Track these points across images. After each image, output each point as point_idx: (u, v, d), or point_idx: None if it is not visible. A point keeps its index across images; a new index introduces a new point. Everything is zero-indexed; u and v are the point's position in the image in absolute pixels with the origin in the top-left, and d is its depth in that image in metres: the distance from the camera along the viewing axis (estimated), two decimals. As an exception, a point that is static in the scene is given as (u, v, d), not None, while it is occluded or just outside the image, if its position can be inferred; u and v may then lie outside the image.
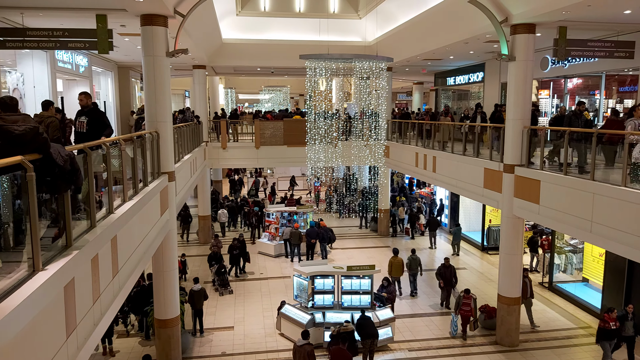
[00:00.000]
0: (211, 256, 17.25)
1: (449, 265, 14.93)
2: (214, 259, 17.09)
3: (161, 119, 11.02)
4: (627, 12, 10.93)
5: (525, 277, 13.55)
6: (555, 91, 18.42)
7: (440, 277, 14.91)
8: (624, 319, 11.42)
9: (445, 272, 14.85)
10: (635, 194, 8.35)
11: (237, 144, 22.64)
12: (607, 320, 11.22)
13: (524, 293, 13.46)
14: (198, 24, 14.88)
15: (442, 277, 14.86)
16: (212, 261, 17.11)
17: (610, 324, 11.16)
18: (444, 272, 14.87)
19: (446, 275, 14.79)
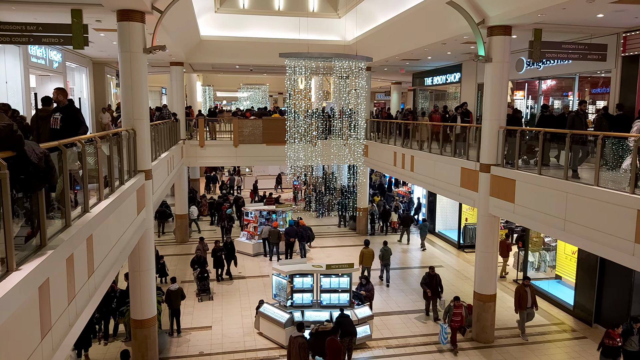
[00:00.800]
0: (194, 260, 16.47)
1: (434, 274, 14.28)
2: (197, 263, 16.32)
3: (138, 117, 10.86)
4: (600, 16, 11.21)
5: (527, 285, 13.10)
6: (530, 92, 18.78)
7: (427, 286, 14.18)
8: (629, 334, 10.73)
9: (431, 282, 14.19)
10: (607, 193, 8.59)
11: (216, 142, 22.45)
12: (612, 337, 10.56)
13: (524, 303, 12.97)
14: (176, 21, 14.70)
15: (428, 287, 14.16)
16: (194, 265, 16.36)
17: (616, 340, 10.52)
18: (430, 281, 14.19)
19: (432, 285, 14.16)
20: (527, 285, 13.13)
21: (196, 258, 16.44)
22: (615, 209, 8.39)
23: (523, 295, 12.95)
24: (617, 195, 8.37)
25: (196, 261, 16.33)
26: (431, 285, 14.16)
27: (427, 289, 14.18)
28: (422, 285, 14.38)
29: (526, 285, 13.13)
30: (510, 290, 16.59)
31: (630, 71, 12.60)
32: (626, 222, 8.12)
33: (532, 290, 13.17)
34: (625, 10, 10.52)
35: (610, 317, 13.31)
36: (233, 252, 17.57)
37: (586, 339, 13.13)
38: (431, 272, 14.30)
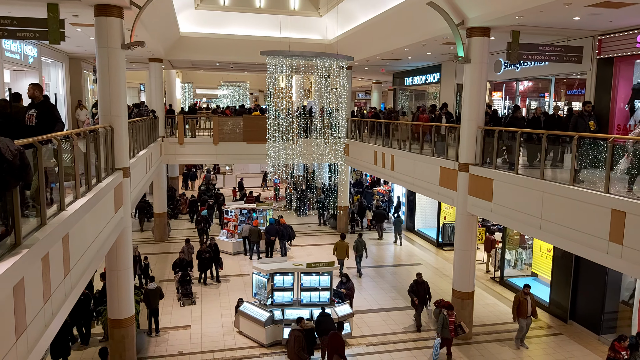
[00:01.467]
0: (176, 263, 15.84)
1: (422, 281, 13.72)
2: (179, 266, 15.70)
3: (115, 113, 10.69)
4: (576, 19, 11.44)
5: (527, 294, 12.50)
6: (508, 93, 19.08)
7: (414, 294, 13.53)
8: (635, 348, 10.49)
9: (419, 289, 13.58)
10: (582, 193, 8.79)
11: (195, 139, 22.25)
12: (617, 350, 10.25)
13: (524, 311, 12.40)
14: (155, 16, 14.51)
15: (416, 295, 13.52)
16: (176, 268, 15.75)
17: (622, 353, 10.19)
18: (418, 289, 13.59)
19: (420, 293, 13.53)
20: (526, 294, 12.49)
21: (178, 261, 15.84)
22: (590, 208, 8.59)
23: (523, 304, 12.38)
24: (592, 195, 8.56)
25: (178, 264, 15.74)
26: (419, 294, 13.56)
27: (414, 297, 13.56)
28: (410, 294, 13.73)
29: (526, 293, 12.50)
30: (487, 287, 16.86)
31: (605, 73, 12.90)
32: (601, 221, 8.32)
33: (532, 298, 12.59)
34: (600, 14, 10.76)
35: (584, 313, 13.63)
36: (218, 255, 17.10)
37: (562, 335, 13.42)
38: (419, 279, 13.72)
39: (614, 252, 8.09)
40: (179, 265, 15.70)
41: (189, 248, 16.93)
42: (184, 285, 15.26)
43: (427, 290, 13.76)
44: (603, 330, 13.06)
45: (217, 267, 17.08)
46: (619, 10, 10.33)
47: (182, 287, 15.27)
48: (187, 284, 15.29)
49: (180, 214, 26.44)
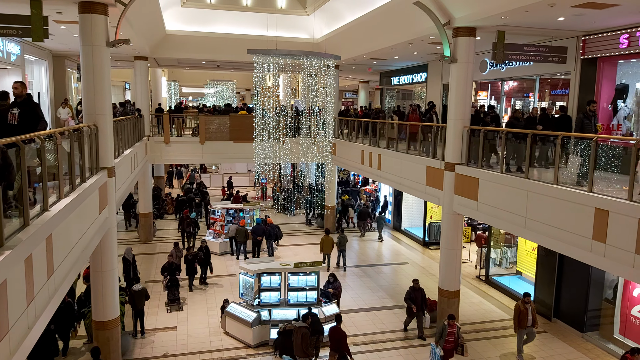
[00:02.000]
0: (164, 267, 15.28)
1: (419, 287, 13.29)
2: (167, 270, 15.13)
3: (100, 112, 10.56)
4: (561, 19, 11.58)
5: (527, 303, 11.94)
6: (493, 93, 19.25)
7: (412, 302, 13.11)
8: None
9: (416, 296, 13.14)
10: (566, 192, 8.90)
11: (181, 138, 22.09)
12: None
13: (524, 321, 11.88)
14: (140, 14, 14.35)
15: (413, 302, 13.08)
16: (164, 272, 15.18)
17: None
18: (415, 295, 13.15)
19: (417, 300, 13.10)
20: (527, 303, 11.94)
21: (167, 264, 15.29)
22: (574, 207, 8.70)
23: (523, 313, 11.84)
24: (575, 194, 8.67)
25: (167, 268, 15.20)
26: (416, 301, 13.12)
27: (412, 304, 13.08)
28: (407, 301, 13.25)
29: (526, 302, 11.94)
30: (473, 286, 17.00)
31: (588, 73, 13.07)
32: (584, 220, 8.44)
33: (532, 308, 12.05)
34: (584, 14, 10.90)
35: (568, 311, 13.82)
36: (209, 258, 16.66)
37: (546, 333, 13.57)
38: (415, 285, 13.28)
39: (598, 251, 8.21)
40: (167, 269, 15.17)
41: (178, 251, 16.56)
42: (171, 290, 14.82)
43: (424, 297, 13.36)
44: (586, 328, 13.26)
45: (205, 271, 16.69)
46: (603, 11, 10.48)
47: (169, 291, 14.83)
48: (175, 289, 14.87)
49: (166, 213, 26.23)
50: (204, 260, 16.48)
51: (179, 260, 16.31)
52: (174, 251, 16.45)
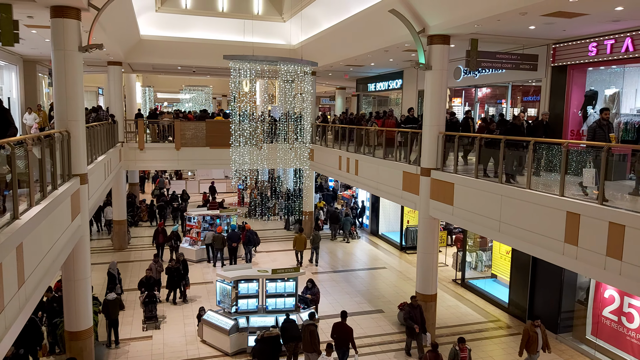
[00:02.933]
0: (142, 282, 14.48)
1: (417, 304, 12.38)
2: (145, 284, 14.34)
3: (72, 118, 10.35)
4: (532, 28, 11.87)
5: (537, 326, 11.01)
6: (467, 99, 19.59)
7: (412, 321, 12.07)
8: None
9: (415, 314, 12.15)
10: (539, 196, 9.09)
11: (156, 144, 21.79)
12: None
13: (534, 346, 10.98)
14: (114, 18, 14.16)
15: (414, 321, 12.06)
16: (141, 287, 14.38)
17: None
18: (414, 313, 12.14)
19: (417, 318, 12.13)
20: (537, 326, 11.03)
21: (145, 279, 14.53)
22: (546, 211, 8.90)
23: (533, 338, 10.98)
24: (548, 198, 8.88)
25: (144, 283, 14.42)
26: (416, 319, 12.11)
27: (413, 324, 12.01)
28: (407, 321, 12.17)
29: (536, 325, 11.03)
30: (449, 289, 17.19)
31: (559, 81, 13.42)
32: (556, 223, 8.63)
33: (543, 331, 11.14)
34: (554, 23, 11.20)
35: (542, 313, 14.06)
36: (187, 272, 15.75)
37: (521, 335, 13.78)
38: (414, 302, 12.34)
39: (570, 253, 8.40)
40: (145, 284, 14.40)
41: (158, 266, 15.71)
42: (148, 306, 13.88)
43: (422, 314, 12.39)
44: (560, 330, 13.53)
45: (184, 286, 15.71)
46: (572, 20, 10.79)
47: (146, 309, 13.88)
48: (153, 306, 13.97)
49: (140, 220, 25.81)
50: (181, 275, 15.54)
51: (158, 275, 15.47)
52: (154, 265, 15.55)
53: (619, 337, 11.85)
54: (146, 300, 13.92)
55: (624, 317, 11.71)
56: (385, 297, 16.34)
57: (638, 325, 11.34)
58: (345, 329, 11.45)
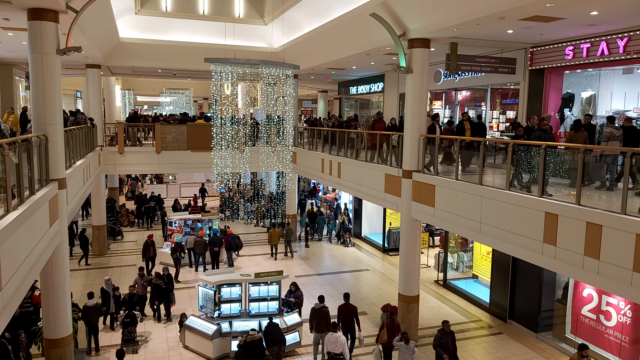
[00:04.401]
0: (125, 300, 13.51)
1: (450, 330, 11.12)
2: (127, 302, 13.37)
3: (50, 122, 10.18)
4: (510, 32, 12.08)
5: (585, 356, 9.74)
6: (447, 102, 19.83)
7: (442, 349, 10.80)
8: None
9: (446, 341, 10.93)
10: (518, 197, 9.24)
11: (136, 148, 21.55)
12: None
13: None
14: (93, 21, 13.98)
15: (444, 349, 10.80)
16: (123, 305, 13.44)
17: None
18: (445, 340, 10.93)
19: (449, 346, 10.90)
20: (584, 356, 9.82)
21: (127, 297, 13.59)
22: (525, 212, 9.04)
23: None
24: (527, 199, 9.02)
25: (126, 300, 13.47)
26: (447, 347, 10.89)
27: (443, 353, 10.79)
28: (436, 348, 10.97)
29: (584, 355, 9.81)
30: (431, 290, 17.32)
31: (536, 84, 13.67)
32: (535, 224, 8.78)
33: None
34: (532, 27, 11.42)
35: (523, 313, 14.28)
36: (172, 287, 14.62)
37: (502, 335, 13.98)
38: (446, 328, 11.02)
39: (548, 253, 8.55)
40: (127, 302, 13.45)
41: (144, 281, 14.54)
42: (127, 327, 12.60)
43: (454, 342, 11.17)
44: (540, 329, 13.74)
45: (167, 303, 14.53)
46: (549, 24, 11.01)
47: (125, 330, 12.62)
48: (133, 326, 12.72)
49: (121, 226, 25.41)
50: (164, 291, 14.35)
51: (143, 290, 14.39)
52: (139, 280, 14.48)
53: (597, 335, 12.09)
54: (126, 321, 12.69)
55: (602, 315, 11.95)
56: (368, 299, 16.39)
57: (616, 323, 11.59)
58: (350, 309, 12.35)
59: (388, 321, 11.81)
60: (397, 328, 11.83)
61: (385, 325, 11.79)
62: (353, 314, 12.36)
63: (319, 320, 12.20)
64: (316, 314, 12.26)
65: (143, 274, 14.77)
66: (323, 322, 12.16)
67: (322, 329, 12.09)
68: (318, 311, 12.27)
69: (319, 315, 12.23)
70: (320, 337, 12.22)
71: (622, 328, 11.41)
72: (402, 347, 10.83)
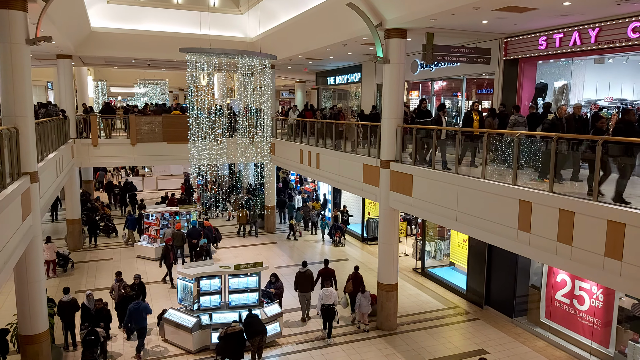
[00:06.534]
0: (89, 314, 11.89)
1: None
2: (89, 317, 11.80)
3: (20, 114, 9.90)
4: (485, 22, 12.20)
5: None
6: (424, 92, 19.97)
7: None
8: None
9: None
10: (493, 185, 9.40)
11: (111, 140, 21.16)
12: None
13: None
14: (63, 10, 13.62)
15: None
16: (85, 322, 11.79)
17: None
18: None
19: None
20: None
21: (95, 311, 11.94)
22: (500, 200, 9.21)
23: None
24: (501, 187, 9.19)
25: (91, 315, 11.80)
26: None
27: None
28: None
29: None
30: (409, 278, 17.55)
31: (510, 74, 13.86)
32: (510, 211, 8.96)
33: None
34: (506, 18, 11.56)
35: (498, 298, 14.59)
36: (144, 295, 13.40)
37: (478, 320, 14.27)
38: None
39: (523, 240, 8.74)
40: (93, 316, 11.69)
41: (121, 284, 13.22)
42: (89, 348, 10.68)
43: None
44: (515, 314, 14.07)
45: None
46: (523, 15, 11.16)
47: (85, 351, 10.70)
48: (95, 346, 10.82)
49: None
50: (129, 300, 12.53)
51: (119, 298, 13.01)
52: (116, 285, 13.21)
53: (571, 319, 12.45)
54: (86, 339, 10.79)
55: (575, 299, 12.30)
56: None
57: (588, 307, 11.94)
58: (329, 272, 14.22)
59: (353, 275, 14.17)
60: (360, 281, 14.00)
61: (350, 278, 14.19)
62: (331, 276, 14.13)
63: (304, 282, 13.99)
64: (301, 277, 14.04)
65: (121, 279, 13.52)
66: (307, 283, 13.98)
67: (306, 289, 13.99)
68: (303, 274, 14.05)
69: (304, 277, 14.02)
70: (304, 296, 14.05)
71: (594, 312, 11.77)
72: (360, 296, 13.36)
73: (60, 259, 17.77)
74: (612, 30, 10.97)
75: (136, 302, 12.16)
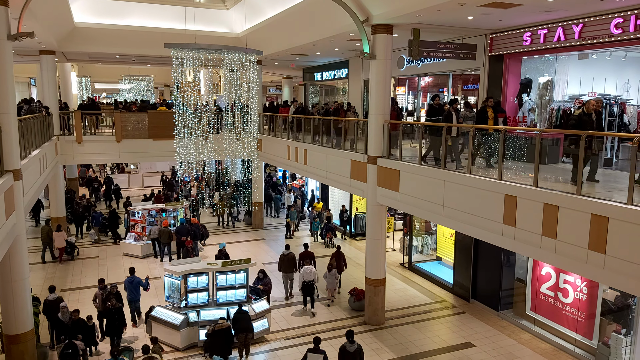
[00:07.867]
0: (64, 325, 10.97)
1: None
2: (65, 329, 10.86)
3: (3, 111, 9.77)
4: (470, 18, 12.28)
5: None
6: (411, 88, 20.05)
7: None
8: None
9: None
10: (479, 180, 9.49)
11: (95, 137, 20.92)
12: None
13: None
14: (45, 5, 13.40)
15: None
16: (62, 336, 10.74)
17: None
18: None
19: None
20: None
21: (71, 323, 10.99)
22: (486, 194, 9.30)
23: None
24: (487, 182, 9.28)
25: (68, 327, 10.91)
26: None
27: None
28: None
29: None
30: (397, 273, 17.65)
31: (496, 69, 13.97)
32: (495, 206, 9.05)
33: None
34: (491, 14, 11.63)
35: (484, 292, 14.75)
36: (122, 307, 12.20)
37: (465, 314, 14.42)
38: None
39: (508, 234, 8.84)
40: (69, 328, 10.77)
41: (105, 292, 12.49)
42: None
43: None
44: (501, 307, 14.24)
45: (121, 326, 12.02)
46: (508, 11, 11.24)
47: None
48: None
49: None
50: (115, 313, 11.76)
51: (104, 306, 12.27)
52: (99, 294, 12.50)
53: (555, 311, 12.63)
54: (63, 353, 9.99)
55: (560, 292, 12.47)
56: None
57: (572, 300, 12.13)
58: (308, 254, 15.26)
59: (336, 253, 15.84)
60: (343, 258, 15.83)
61: (333, 255, 15.79)
62: (311, 257, 15.14)
63: (287, 263, 15.33)
64: (285, 259, 15.35)
65: (104, 286, 12.72)
66: (290, 265, 15.32)
67: (289, 270, 15.33)
68: (286, 256, 15.35)
69: (288, 259, 15.33)
70: (287, 276, 15.45)
71: (578, 304, 11.96)
72: (327, 274, 14.86)
73: (68, 247, 18.58)
74: (595, 26, 11.10)
75: (130, 276, 13.31)
